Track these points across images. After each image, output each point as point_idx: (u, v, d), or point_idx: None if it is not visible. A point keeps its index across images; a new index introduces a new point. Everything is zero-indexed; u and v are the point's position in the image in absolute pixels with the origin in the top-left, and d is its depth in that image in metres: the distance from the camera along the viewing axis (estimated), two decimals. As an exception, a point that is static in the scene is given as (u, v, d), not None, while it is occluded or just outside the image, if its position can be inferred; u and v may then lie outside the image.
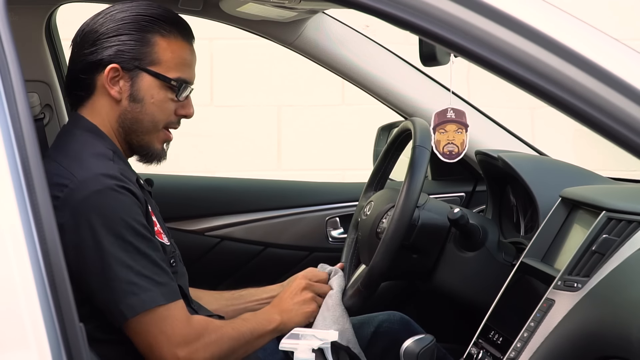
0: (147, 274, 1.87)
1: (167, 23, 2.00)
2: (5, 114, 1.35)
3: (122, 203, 1.88)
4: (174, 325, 1.88)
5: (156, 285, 1.87)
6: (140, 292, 1.85)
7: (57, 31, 2.78)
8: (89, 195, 1.86)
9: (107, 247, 1.84)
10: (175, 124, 2.04)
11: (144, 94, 1.99)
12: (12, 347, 1.31)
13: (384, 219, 2.22)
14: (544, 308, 1.87)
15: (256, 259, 2.82)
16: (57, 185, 1.87)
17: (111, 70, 1.97)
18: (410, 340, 1.98)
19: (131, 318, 1.86)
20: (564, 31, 1.37)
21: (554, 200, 2.12)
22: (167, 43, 1.99)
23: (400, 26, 1.40)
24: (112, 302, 1.86)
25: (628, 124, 1.33)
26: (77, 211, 1.85)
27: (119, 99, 1.99)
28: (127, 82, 1.98)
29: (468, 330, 2.17)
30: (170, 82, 1.99)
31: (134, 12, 2.00)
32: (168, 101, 2.00)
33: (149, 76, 1.98)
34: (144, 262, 1.87)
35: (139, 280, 1.85)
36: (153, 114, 2.00)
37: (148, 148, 2.03)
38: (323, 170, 5.28)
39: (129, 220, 1.87)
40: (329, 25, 2.67)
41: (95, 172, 1.89)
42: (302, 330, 1.74)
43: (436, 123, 1.99)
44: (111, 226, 1.85)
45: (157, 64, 1.98)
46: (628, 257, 1.75)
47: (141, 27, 1.98)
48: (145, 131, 2.01)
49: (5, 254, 1.31)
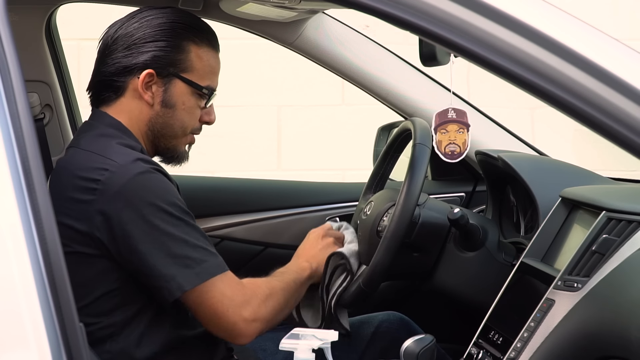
0: (202, 245, 1.93)
1: (200, 31, 2.06)
2: (5, 114, 1.35)
3: (165, 184, 1.94)
4: (232, 289, 1.94)
5: (211, 255, 1.93)
6: (196, 264, 1.90)
7: (57, 31, 2.78)
8: (133, 177, 1.90)
9: (158, 223, 1.89)
10: (198, 130, 2.11)
11: (176, 100, 2.04)
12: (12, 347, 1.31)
13: (385, 217, 2.22)
14: (544, 308, 1.87)
15: (256, 259, 2.82)
16: (96, 170, 1.91)
17: (147, 75, 2.01)
18: (410, 340, 1.98)
19: (190, 289, 1.90)
20: (564, 31, 1.37)
21: (554, 200, 2.12)
22: (200, 51, 2.05)
23: (400, 26, 1.40)
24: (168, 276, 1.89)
25: (628, 124, 1.33)
26: (121, 194, 1.89)
27: (151, 103, 2.03)
28: (160, 88, 2.03)
29: (468, 330, 2.17)
30: (202, 89, 2.05)
31: (170, 19, 2.04)
32: (197, 108, 2.07)
33: (181, 83, 2.04)
34: (196, 234, 1.93)
35: (194, 253, 1.91)
36: (183, 119, 2.05)
37: (174, 151, 2.09)
38: (323, 170, 5.28)
39: (173, 199, 1.93)
40: (329, 25, 2.67)
41: (134, 157, 1.93)
42: (302, 330, 1.74)
43: (437, 123, 1.99)
44: (158, 204, 1.90)
45: (190, 72, 2.04)
46: (628, 257, 1.75)
47: (177, 34, 2.03)
48: (174, 135, 2.06)
49: (5, 253, 1.32)
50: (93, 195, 1.89)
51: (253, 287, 1.99)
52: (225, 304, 1.93)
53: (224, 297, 1.93)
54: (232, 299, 1.94)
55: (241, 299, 1.95)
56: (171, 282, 1.89)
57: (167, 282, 1.89)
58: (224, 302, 1.93)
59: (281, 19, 2.57)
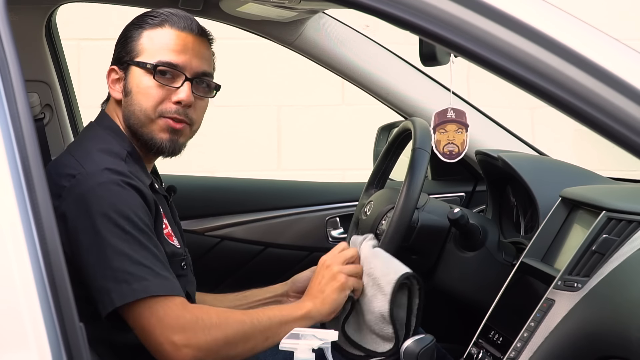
0: (147, 263, 1.85)
1: (158, 17, 2.04)
2: (5, 114, 1.35)
3: (125, 197, 1.89)
4: (169, 311, 1.85)
5: (156, 276, 1.86)
6: (134, 281, 1.83)
7: (57, 31, 2.79)
8: (93, 186, 1.88)
9: (105, 235, 1.85)
10: (172, 113, 2.01)
11: (132, 85, 2.02)
12: (12, 347, 1.31)
13: (383, 220, 2.22)
14: (544, 308, 1.87)
15: (256, 259, 2.82)
16: (66, 176, 1.91)
17: (110, 72, 2.05)
18: (410, 340, 1.98)
19: (122, 305, 1.84)
20: (564, 31, 1.37)
21: (554, 200, 2.12)
22: (152, 33, 2.03)
23: (400, 26, 1.40)
24: (104, 290, 1.84)
25: (628, 124, 1.33)
26: (79, 200, 1.87)
27: (119, 98, 2.04)
28: (122, 81, 2.04)
29: (468, 330, 2.17)
30: (145, 65, 2.00)
31: (135, 19, 2.07)
32: (152, 87, 2.00)
33: (134, 67, 2.02)
34: (145, 253, 1.86)
35: (135, 269, 1.84)
36: (140, 102, 2.01)
37: (152, 140, 2.01)
38: (323, 170, 5.28)
39: (129, 213, 1.87)
40: (329, 25, 2.67)
41: (102, 166, 1.91)
42: (302, 330, 1.74)
43: (436, 123, 1.99)
44: (111, 216, 1.86)
45: (142, 55, 2.02)
46: (628, 257, 1.75)
47: (132, 25, 2.05)
48: (140, 123, 2.01)
49: (5, 253, 1.32)
50: (58, 201, 1.88)
51: (199, 314, 1.88)
52: (153, 324, 1.85)
53: (155, 317, 1.84)
54: (163, 321, 1.85)
55: (175, 322, 1.85)
56: (105, 295, 1.84)
57: (102, 295, 1.85)
58: (152, 321, 1.84)
59: (281, 19, 2.57)
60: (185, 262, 2.04)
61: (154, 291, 1.84)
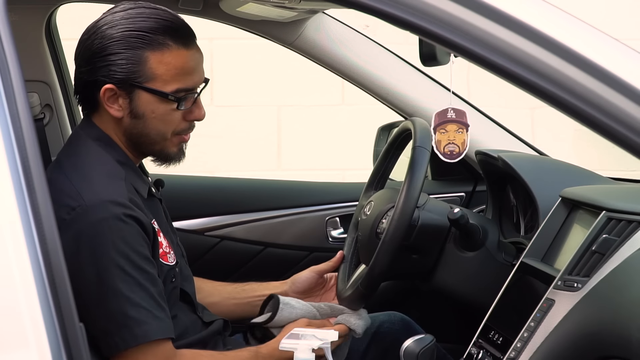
0: (146, 306, 1.87)
1: (158, 34, 1.92)
2: (5, 114, 1.35)
3: (125, 233, 1.86)
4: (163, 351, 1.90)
5: (153, 319, 1.88)
6: (135, 325, 1.85)
7: (57, 31, 2.78)
8: (94, 223, 1.85)
9: (106, 278, 1.84)
10: (187, 130, 1.99)
11: (144, 110, 1.94)
12: (12, 347, 1.31)
13: (384, 219, 2.22)
14: (544, 308, 1.87)
15: (256, 258, 2.82)
16: (65, 207, 1.86)
17: (107, 90, 1.92)
18: (410, 340, 1.98)
19: (124, 350, 1.86)
20: (564, 31, 1.37)
21: (554, 200, 2.12)
22: (160, 56, 1.92)
23: (400, 26, 1.40)
24: (106, 332, 1.86)
25: (628, 124, 1.33)
26: (79, 237, 1.84)
27: (120, 116, 1.95)
28: (125, 100, 1.93)
29: (468, 330, 2.17)
30: (167, 96, 1.93)
31: (122, 29, 1.92)
32: (171, 113, 1.95)
33: (146, 93, 1.92)
34: (143, 294, 1.87)
35: (135, 313, 1.85)
36: (157, 127, 1.95)
37: (163, 153, 2.00)
38: (323, 170, 5.28)
39: (129, 252, 1.86)
40: (329, 25, 2.67)
41: (103, 199, 1.86)
42: (302, 330, 1.74)
43: (437, 123, 1.99)
44: (112, 257, 1.84)
45: (153, 80, 1.92)
46: (628, 257, 1.75)
47: (130, 44, 1.91)
48: (153, 142, 1.97)
49: (5, 253, 1.32)
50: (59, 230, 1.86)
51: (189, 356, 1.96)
52: None
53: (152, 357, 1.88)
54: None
55: None
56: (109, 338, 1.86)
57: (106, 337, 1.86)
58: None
59: (281, 19, 2.57)
60: (174, 276, 2.02)
61: (153, 336, 1.87)
